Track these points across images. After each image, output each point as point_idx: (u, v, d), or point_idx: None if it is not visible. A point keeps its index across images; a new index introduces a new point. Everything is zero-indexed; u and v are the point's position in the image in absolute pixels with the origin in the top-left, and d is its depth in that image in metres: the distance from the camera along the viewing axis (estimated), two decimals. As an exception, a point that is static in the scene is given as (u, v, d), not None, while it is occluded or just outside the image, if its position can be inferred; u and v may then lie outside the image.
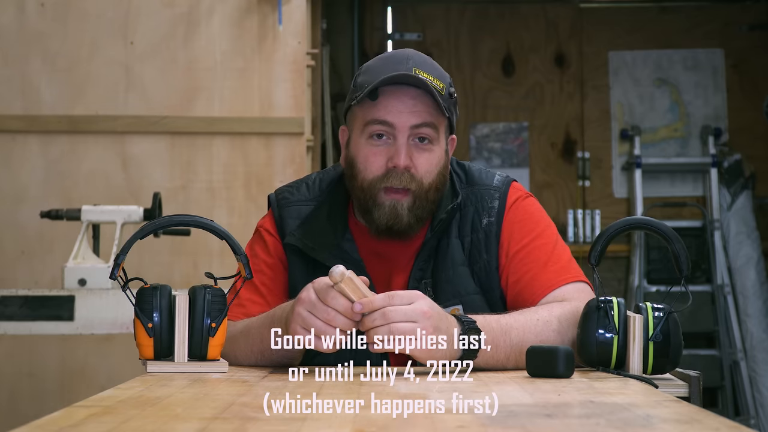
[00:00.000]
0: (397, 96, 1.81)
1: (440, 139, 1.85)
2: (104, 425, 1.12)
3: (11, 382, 3.63)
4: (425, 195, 1.83)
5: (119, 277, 1.63)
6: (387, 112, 1.81)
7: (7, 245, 3.65)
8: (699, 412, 1.23)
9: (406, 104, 1.81)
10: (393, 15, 5.91)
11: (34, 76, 3.69)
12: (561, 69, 5.87)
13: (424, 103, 1.81)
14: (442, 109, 1.81)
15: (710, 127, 5.76)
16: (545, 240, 1.88)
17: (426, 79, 1.80)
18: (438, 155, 1.84)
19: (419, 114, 1.81)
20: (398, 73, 1.79)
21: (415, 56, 1.85)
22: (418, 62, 1.83)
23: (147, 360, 1.63)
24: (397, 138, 1.81)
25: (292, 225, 1.90)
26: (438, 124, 1.84)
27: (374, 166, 1.82)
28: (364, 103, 1.83)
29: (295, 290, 1.87)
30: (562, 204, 5.82)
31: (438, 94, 1.81)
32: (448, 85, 1.86)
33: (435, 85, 1.82)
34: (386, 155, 1.82)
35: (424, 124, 1.82)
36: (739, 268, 5.51)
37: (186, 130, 3.70)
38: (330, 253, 1.85)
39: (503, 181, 1.92)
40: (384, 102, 1.81)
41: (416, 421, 1.18)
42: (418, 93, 1.81)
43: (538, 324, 1.71)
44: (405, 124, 1.81)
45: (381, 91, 1.81)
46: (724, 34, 5.84)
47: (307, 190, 1.95)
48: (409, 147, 1.81)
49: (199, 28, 3.72)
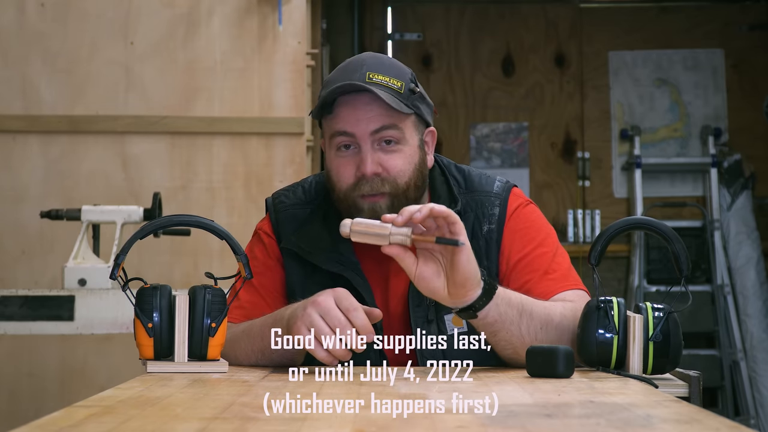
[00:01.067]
0: (352, 104, 1.81)
1: (408, 137, 1.84)
2: (104, 425, 1.12)
3: (11, 382, 3.63)
4: (404, 194, 1.82)
5: (119, 277, 1.63)
6: (345, 122, 1.81)
7: (7, 245, 3.65)
8: (699, 412, 1.23)
9: (362, 111, 1.80)
10: (393, 15, 5.91)
11: (34, 76, 3.69)
12: (561, 69, 5.87)
13: (379, 106, 1.80)
14: (401, 107, 1.80)
15: (710, 127, 5.77)
16: (546, 249, 1.88)
17: (380, 81, 1.79)
18: (408, 154, 1.83)
19: (376, 119, 1.80)
20: (346, 83, 1.79)
21: (370, 60, 1.84)
22: (372, 66, 1.82)
23: (147, 360, 1.63)
24: (361, 146, 1.81)
25: (289, 229, 1.90)
26: (400, 123, 1.82)
27: (345, 176, 1.82)
28: (326, 116, 1.84)
29: (293, 294, 1.87)
30: (562, 204, 5.82)
31: (395, 93, 1.79)
32: (409, 80, 1.84)
33: (391, 84, 1.80)
34: (355, 164, 1.82)
35: (383, 127, 1.81)
36: (739, 268, 5.51)
37: (186, 130, 3.70)
38: (327, 257, 1.86)
39: (503, 187, 1.92)
40: (341, 113, 1.82)
41: (416, 421, 1.18)
42: (373, 98, 1.80)
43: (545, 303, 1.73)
44: (364, 131, 1.80)
45: (337, 102, 1.82)
46: (724, 34, 5.84)
47: (303, 194, 1.95)
48: (374, 152, 1.81)
49: (199, 28, 3.72)
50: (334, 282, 1.85)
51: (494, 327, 1.66)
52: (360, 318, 1.60)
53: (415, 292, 1.83)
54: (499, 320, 1.65)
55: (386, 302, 1.86)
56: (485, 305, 1.62)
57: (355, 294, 1.82)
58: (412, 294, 1.83)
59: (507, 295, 1.67)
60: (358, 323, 1.60)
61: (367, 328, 1.60)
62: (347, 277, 1.84)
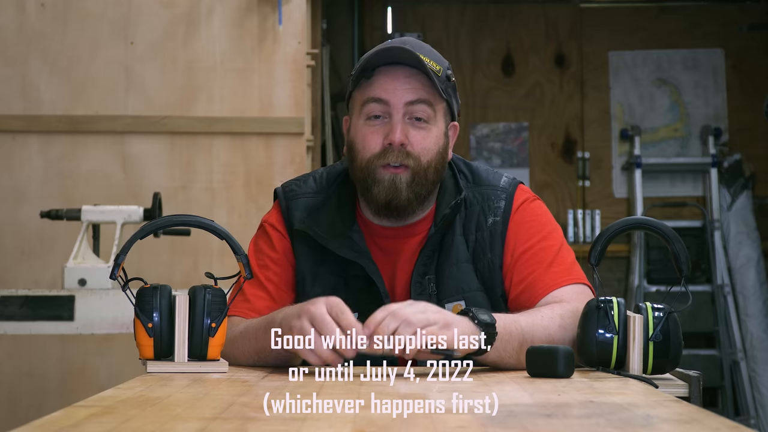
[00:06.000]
0: (392, 74, 1.83)
1: (437, 120, 1.86)
2: (104, 425, 1.12)
3: (11, 382, 3.63)
4: (424, 173, 1.84)
5: (119, 277, 1.63)
6: (382, 89, 1.83)
7: (7, 245, 3.65)
8: (699, 412, 1.23)
9: (401, 81, 1.83)
10: (393, 15, 5.91)
11: (34, 76, 3.69)
12: (561, 69, 5.87)
13: (419, 80, 1.83)
14: (437, 88, 1.82)
15: (710, 127, 5.76)
16: (551, 242, 1.89)
17: (422, 59, 1.81)
18: (435, 135, 1.85)
19: (414, 90, 1.83)
20: (393, 47, 1.82)
21: (413, 41, 1.88)
22: (415, 46, 1.85)
23: (147, 360, 1.63)
24: (392, 116, 1.83)
25: (300, 216, 1.91)
26: (434, 103, 1.85)
27: (372, 144, 1.84)
28: (361, 85, 1.86)
29: (303, 281, 1.88)
30: (562, 204, 5.82)
31: (434, 75, 1.82)
32: (446, 68, 1.87)
33: (431, 66, 1.83)
34: (383, 133, 1.83)
35: (419, 100, 1.83)
36: (739, 268, 5.51)
37: (186, 130, 3.70)
38: (340, 243, 1.86)
39: (510, 182, 1.93)
40: (379, 80, 1.84)
41: (416, 421, 1.18)
42: (413, 72, 1.83)
43: (544, 318, 1.73)
44: (400, 100, 1.82)
45: (377, 71, 1.84)
46: (723, 34, 5.84)
47: (314, 183, 1.96)
48: (404, 124, 1.83)
49: (199, 28, 3.72)
50: (345, 269, 1.86)
51: (494, 364, 1.68)
52: (350, 321, 1.59)
53: (417, 281, 1.85)
54: (498, 359, 1.67)
55: (392, 290, 1.88)
56: (484, 353, 1.64)
57: (365, 282, 1.83)
58: (415, 283, 1.85)
59: (507, 331, 1.67)
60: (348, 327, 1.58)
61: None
62: (361, 264, 1.85)
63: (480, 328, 1.61)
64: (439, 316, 1.58)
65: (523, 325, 1.69)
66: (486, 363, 1.68)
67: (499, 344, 1.65)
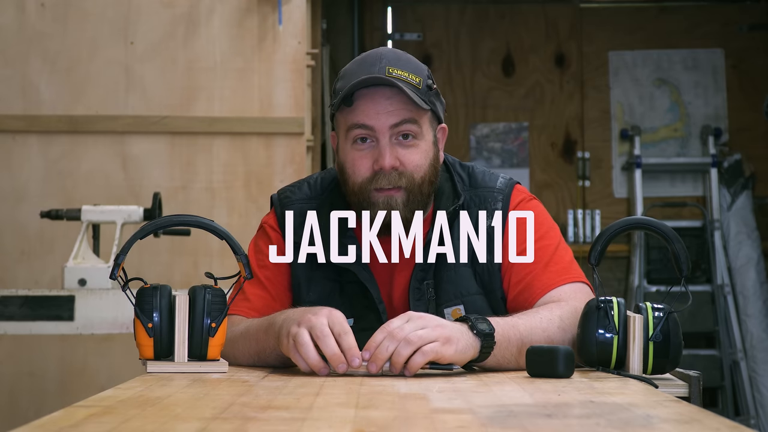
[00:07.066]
0: (372, 98, 1.81)
1: (425, 133, 1.85)
2: (104, 425, 1.12)
3: (11, 382, 3.63)
4: (419, 189, 1.83)
5: (119, 277, 1.63)
6: (365, 115, 1.82)
7: (7, 245, 3.65)
8: (699, 412, 1.23)
9: (382, 105, 1.81)
10: (393, 15, 5.91)
11: (34, 76, 3.69)
12: (561, 69, 5.87)
13: (400, 100, 1.81)
14: (419, 103, 1.81)
15: (710, 127, 5.77)
16: (548, 241, 1.89)
17: (400, 75, 1.80)
18: (425, 149, 1.85)
19: (396, 113, 1.81)
20: (369, 76, 1.79)
21: (388, 54, 1.84)
22: (391, 60, 1.83)
23: (147, 360, 1.63)
24: (379, 140, 1.82)
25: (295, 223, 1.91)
26: (419, 118, 1.83)
27: (361, 169, 1.83)
28: (343, 109, 1.84)
29: (299, 286, 1.88)
30: (562, 204, 5.82)
31: (414, 89, 1.80)
32: (426, 77, 1.85)
33: (410, 80, 1.81)
34: (372, 158, 1.82)
35: (403, 121, 1.82)
36: (739, 268, 5.51)
37: (186, 130, 3.70)
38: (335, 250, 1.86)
39: (506, 183, 1.93)
40: (360, 106, 1.82)
41: (416, 421, 1.18)
42: (393, 92, 1.81)
43: (543, 321, 1.72)
44: (384, 125, 1.81)
45: (356, 95, 1.82)
46: (723, 34, 5.84)
47: (309, 189, 1.96)
48: (392, 146, 1.82)
49: (199, 28, 3.72)
50: (340, 274, 1.86)
51: (494, 369, 1.68)
52: (349, 342, 1.58)
53: (416, 286, 1.84)
54: (496, 365, 1.67)
55: (389, 296, 1.88)
56: (483, 360, 1.64)
57: (360, 288, 1.83)
58: (413, 289, 1.85)
59: (506, 338, 1.67)
60: (346, 347, 1.58)
61: (354, 353, 1.58)
62: (354, 271, 1.84)
63: (479, 339, 1.61)
64: (438, 332, 1.57)
65: (522, 330, 1.69)
66: (484, 368, 1.68)
67: (497, 351, 1.64)
